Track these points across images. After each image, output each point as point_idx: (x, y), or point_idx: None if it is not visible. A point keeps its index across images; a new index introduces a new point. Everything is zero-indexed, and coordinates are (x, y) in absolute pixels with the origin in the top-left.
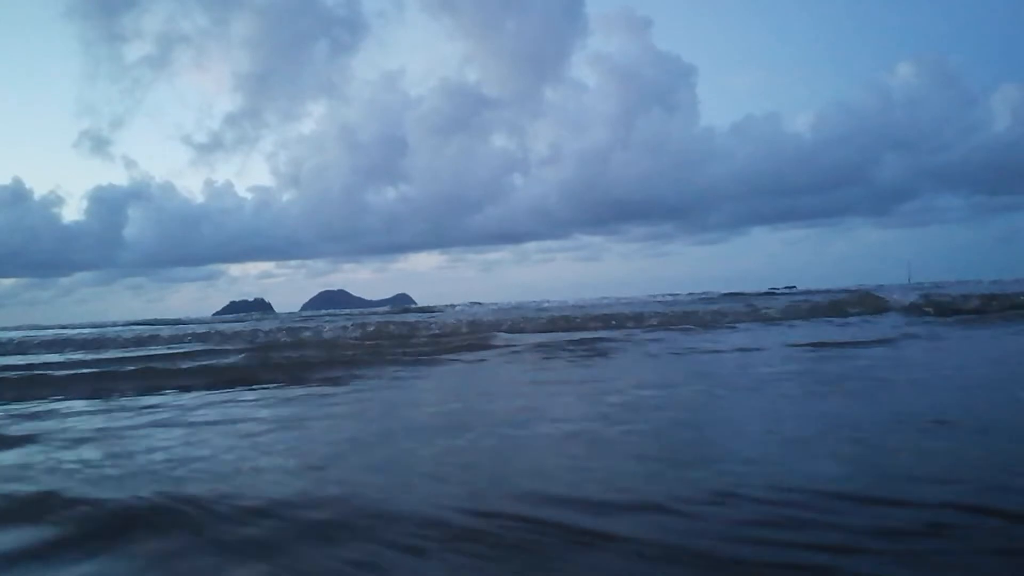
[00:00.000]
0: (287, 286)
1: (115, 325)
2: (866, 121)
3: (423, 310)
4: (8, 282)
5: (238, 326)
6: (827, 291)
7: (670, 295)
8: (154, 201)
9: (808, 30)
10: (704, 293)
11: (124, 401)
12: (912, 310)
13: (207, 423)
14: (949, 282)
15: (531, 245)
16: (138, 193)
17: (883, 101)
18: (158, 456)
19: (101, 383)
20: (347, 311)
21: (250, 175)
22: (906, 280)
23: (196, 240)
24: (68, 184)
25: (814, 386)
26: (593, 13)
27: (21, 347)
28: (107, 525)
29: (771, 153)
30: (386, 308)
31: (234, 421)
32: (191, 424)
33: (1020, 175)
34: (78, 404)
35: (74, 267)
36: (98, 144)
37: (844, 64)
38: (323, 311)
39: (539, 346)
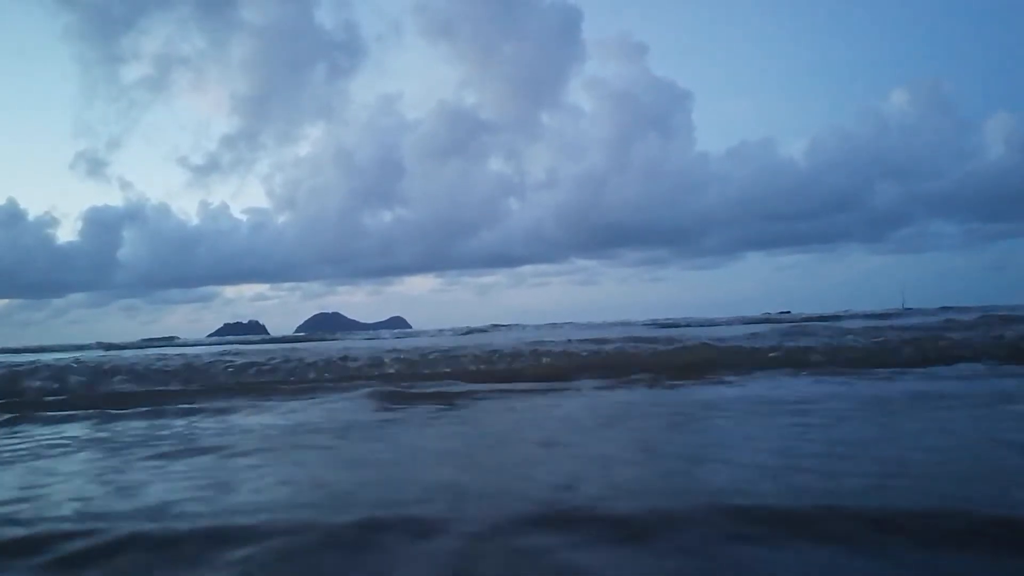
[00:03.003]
0: (281, 308)
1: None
2: (860, 147)
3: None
4: (1, 303)
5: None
6: (821, 317)
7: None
8: (149, 223)
9: (803, 57)
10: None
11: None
12: None
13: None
14: (948, 308)
15: (527, 269)
16: (133, 214)
17: (877, 127)
18: None
19: None
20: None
21: (246, 197)
22: (900, 306)
23: (191, 262)
24: (63, 205)
25: None
26: (590, 39)
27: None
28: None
29: (766, 178)
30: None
31: None
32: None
33: (1013, 202)
34: None
35: (68, 288)
36: (94, 165)
37: (838, 90)
38: (318, 332)
39: None
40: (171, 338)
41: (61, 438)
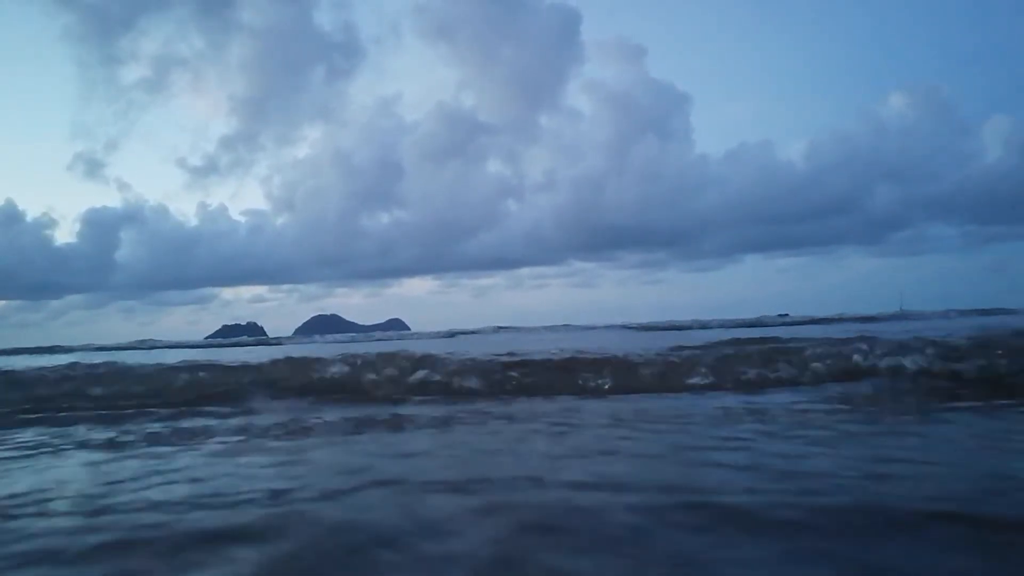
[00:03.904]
0: (280, 310)
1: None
2: (859, 150)
3: None
4: None
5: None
6: (818, 320)
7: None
8: (147, 224)
9: (802, 59)
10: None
11: None
12: None
13: None
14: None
15: (525, 271)
16: (131, 216)
17: (876, 130)
18: None
19: None
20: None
21: (244, 199)
22: (898, 308)
23: (189, 263)
24: (61, 206)
25: None
26: (589, 40)
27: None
28: None
29: (765, 181)
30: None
31: None
32: None
33: (1011, 205)
34: None
35: (65, 289)
36: (92, 166)
37: (837, 93)
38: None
39: None
40: (144, 340)
41: None
